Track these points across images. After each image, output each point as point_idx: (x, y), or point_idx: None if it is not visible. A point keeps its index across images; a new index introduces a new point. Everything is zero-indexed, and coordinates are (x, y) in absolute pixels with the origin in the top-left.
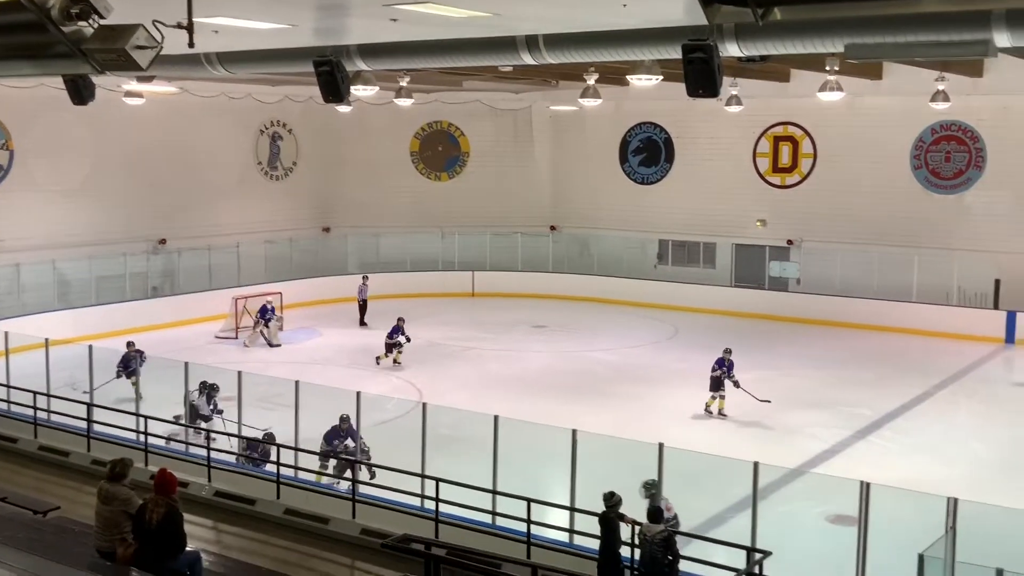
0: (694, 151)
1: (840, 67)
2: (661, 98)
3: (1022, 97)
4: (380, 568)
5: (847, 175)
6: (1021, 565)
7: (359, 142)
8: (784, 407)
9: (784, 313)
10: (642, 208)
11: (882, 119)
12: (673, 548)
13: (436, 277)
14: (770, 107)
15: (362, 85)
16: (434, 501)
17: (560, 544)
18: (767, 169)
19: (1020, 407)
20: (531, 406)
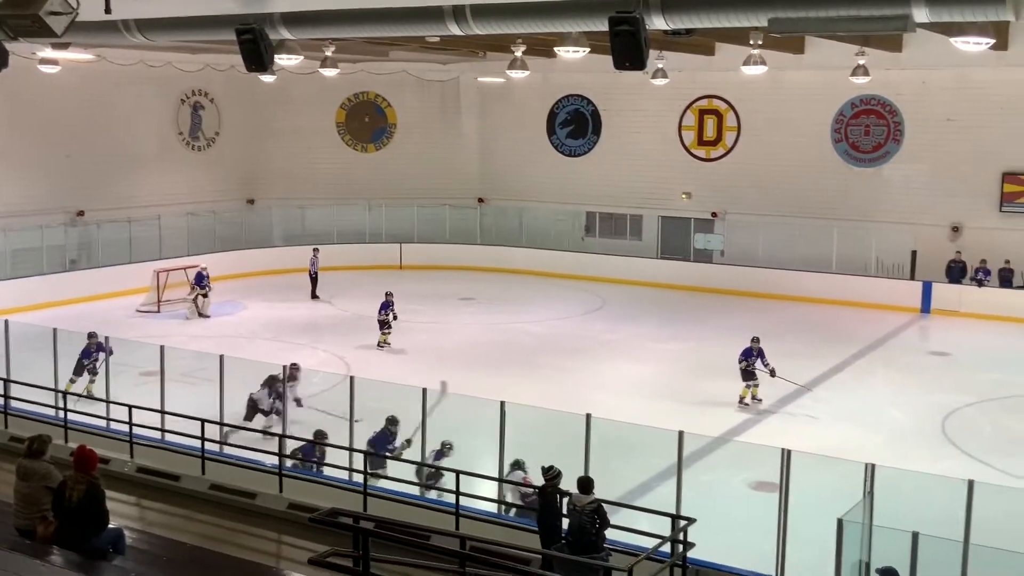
0: (621, 124)
1: (763, 41)
2: (588, 70)
3: (940, 72)
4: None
5: (770, 148)
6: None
7: (284, 112)
8: (708, 377)
9: (709, 284)
10: (570, 180)
11: (804, 93)
12: (603, 517)
13: (363, 250)
14: (695, 80)
15: (286, 54)
16: (362, 474)
17: (489, 515)
18: (692, 142)
19: (935, 375)
20: (460, 378)
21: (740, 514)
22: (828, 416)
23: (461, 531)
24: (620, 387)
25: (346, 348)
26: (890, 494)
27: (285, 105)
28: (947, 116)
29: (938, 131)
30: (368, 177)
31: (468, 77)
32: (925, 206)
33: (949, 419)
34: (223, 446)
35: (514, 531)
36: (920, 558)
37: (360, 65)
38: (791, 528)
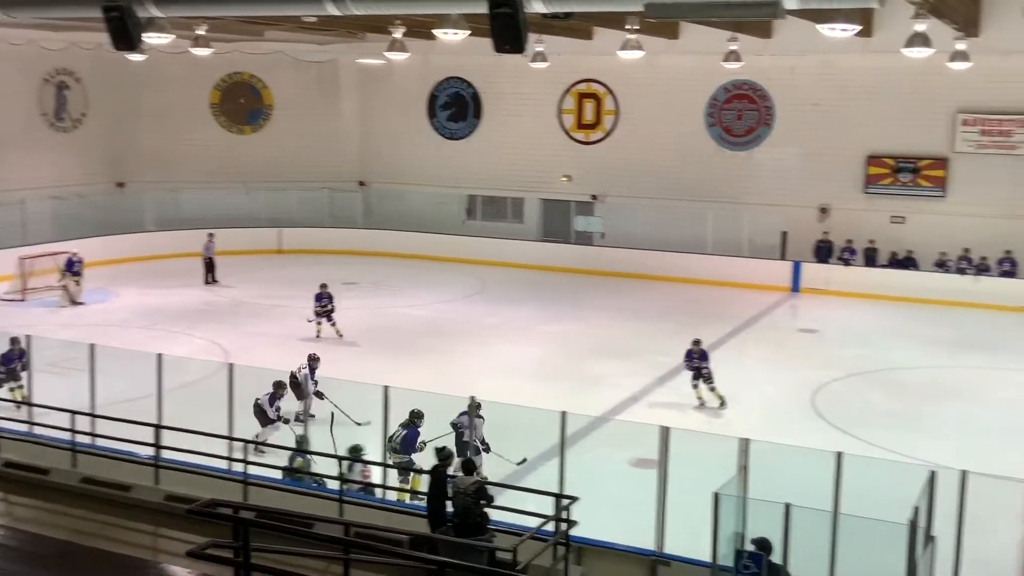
0: (502, 107)
1: (640, 26)
2: (469, 53)
3: (808, 58)
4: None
5: (647, 132)
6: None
7: (155, 93)
8: (589, 358)
9: (590, 266)
10: (451, 163)
11: (679, 78)
12: (486, 496)
13: (241, 234)
14: (574, 64)
15: (156, 33)
16: (242, 463)
17: (373, 500)
18: (572, 125)
19: (805, 351)
20: (343, 363)
21: (621, 491)
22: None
23: (345, 517)
24: (503, 369)
25: (223, 335)
26: (764, 467)
27: (156, 85)
28: (815, 101)
29: (806, 116)
30: (245, 160)
31: (347, 59)
32: (794, 188)
33: (818, 394)
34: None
35: (399, 516)
36: (792, 528)
37: (234, 45)
38: (670, 503)
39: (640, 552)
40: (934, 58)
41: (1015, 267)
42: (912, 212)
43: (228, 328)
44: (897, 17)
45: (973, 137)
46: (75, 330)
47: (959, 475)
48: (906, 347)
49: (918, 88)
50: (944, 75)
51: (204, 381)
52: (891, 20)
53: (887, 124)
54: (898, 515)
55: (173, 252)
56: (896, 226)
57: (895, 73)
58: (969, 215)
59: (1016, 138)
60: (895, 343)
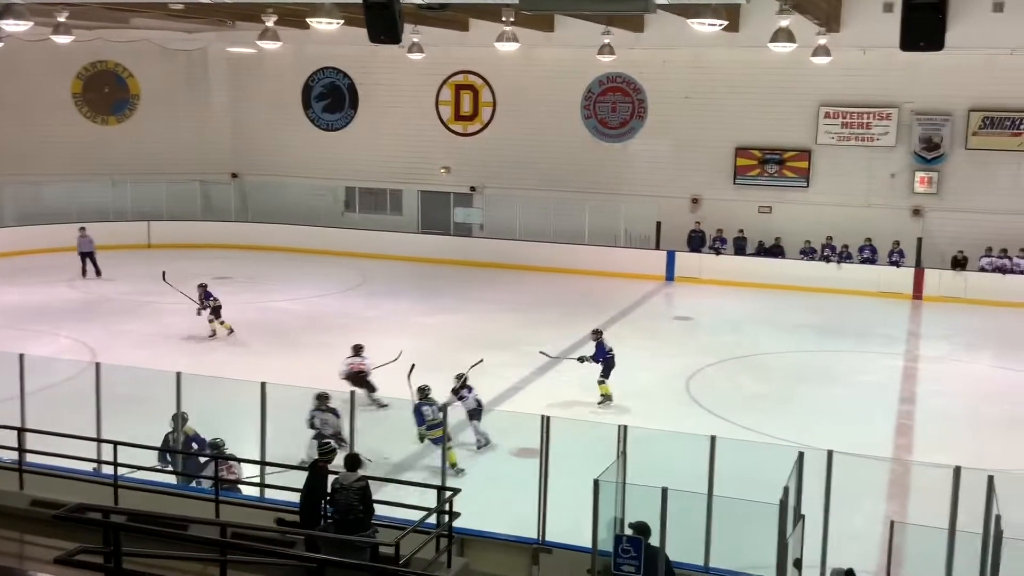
0: (379, 98)
1: (515, 19)
2: (344, 43)
3: (679, 51)
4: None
5: (525, 124)
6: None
7: (12, 82)
8: (470, 349)
9: (469, 258)
10: (328, 155)
11: (555, 70)
12: (368, 498)
13: (108, 228)
14: (451, 56)
15: (13, 19)
16: (112, 466)
17: (250, 499)
18: (450, 117)
19: (680, 338)
20: (217, 360)
21: (503, 481)
22: (584, 382)
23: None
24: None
25: (89, 333)
26: (641, 453)
27: (14, 74)
28: (686, 94)
29: (678, 108)
30: (110, 151)
31: (217, 47)
32: (668, 179)
33: (693, 379)
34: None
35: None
36: (669, 511)
37: (98, 32)
38: (552, 490)
39: (523, 541)
40: (798, 53)
41: (875, 254)
42: (778, 202)
43: (95, 326)
44: (763, 13)
45: (835, 129)
46: None
47: (826, 455)
48: (775, 333)
49: (783, 82)
50: (807, 69)
51: (70, 381)
52: (757, 16)
53: (754, 117)
54: (769, 495)
55: (35, 248)
56: (764, 216)
57: (761, 67)
58: (831, 204)
59: (875, 130)
60: (765, 329)
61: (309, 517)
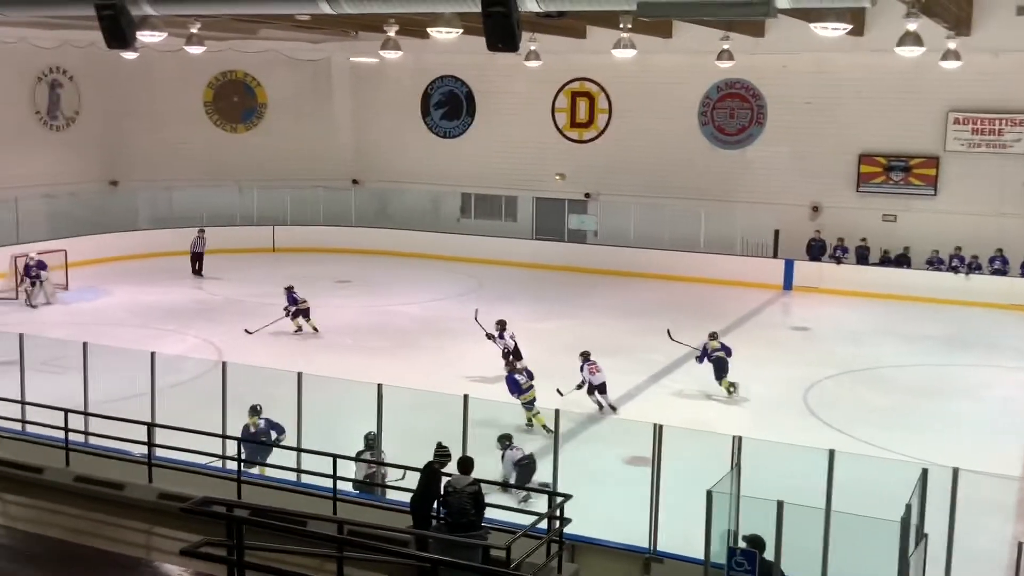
0: (495, 105)
1: (633, 25)
2: (462, 51)
3: (799, 56)
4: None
5: (640, 130)
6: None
7: (148, 91)
8: None
9: (583, 264)
10: (445, 162)
11: (672, 76)
12: (481, 501)
13: (235, 232)
14: (567, 63)
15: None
16: (236, 461)
17: (367, 498)
18: (565, 124)
19: (796, 349)
20: (335, 362)
21: (615, 489)
22: (697, 391)
23: (339, 515)
24: (497, 367)
25: (216, 334)
26: (756, 465)
27: (150, 84)
28: (807, 99)
29: (799, 114)
30: (238, 158)
31: (340, 57)
32: (787, 187)
33: (810, 391)
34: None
35: (392, 514)
36: (785, 525)
37: (228, 43)
38: (663, 500)
39: (634, 549)
40: (926, 57)
41: (1006, 265)
42: (904, 210)
43: (221, 327)
44: (889, 16)
45: (964, 136)
46: (68, 328)
47: (951, 472)
48: (898, 345)
49: (910, 87)
50: (936, 74)
51: (197, 379)
52: (883, 19)
53: (879, 123)
54: (890, 512)
55: (166, 251)
56: (888, 224)
57: (887, 72)
58: (960, 213)
59: (1007, 137)
60: (887, 341)
61: (421, 518)
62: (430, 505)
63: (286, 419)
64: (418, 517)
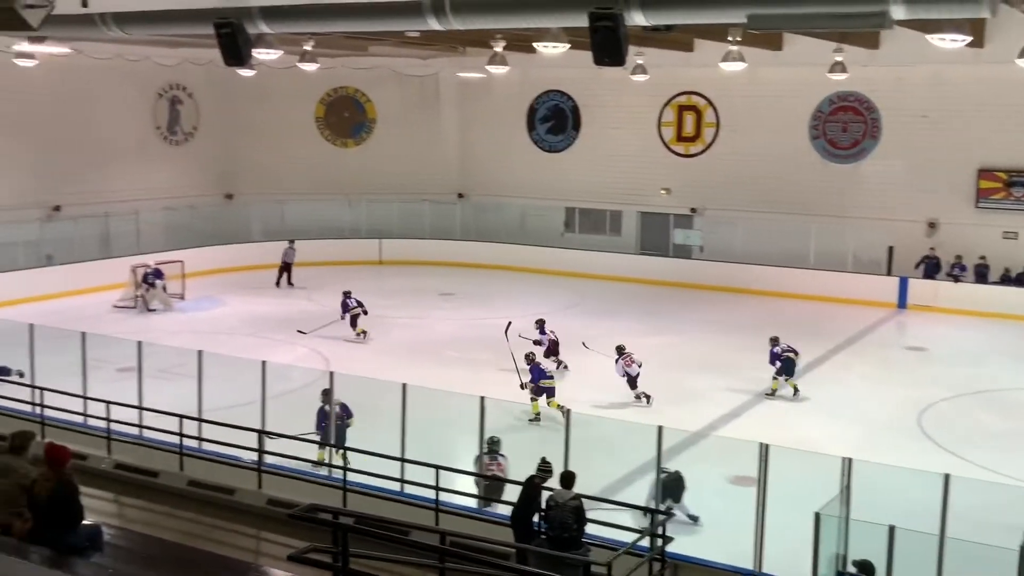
0: (601, 119)
1: (742, 38)
2: (568, 66)
3: (916, 68)
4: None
5: (748, 144)
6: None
7: (262, 107)
8: (686, 372)
9: (688, 280)
10: (550, 176)
11: (782, 89)
12: (583, 517)
13: (343, 245)
14: (674, 77)
15: (264, 49)
16: (342, 470)
17: (468, 510)
18: (671, 138)
19: (910, 369)
20: (438, 374)
21: (719, 508)
22: (805, 410)
23: (441, 526)
24: (598, 382)
25: (324, 344)
26: (867, 488)
27: (264, 100)
28: (923, 113)
29: (914, 128)
30: (347, 172)
31: (448, 72)
32: (902, 202)
33: (925, 413)
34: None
35: (493, 526)
36: (896, 551)
37: (339, 60)
38: (769, 522)
39: (738, 571)
40: None
41: None
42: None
43: (328, 337)
44: (1010, 27)
45: None
46: (184, 337)
47: None
48: (1018, 367)
49: None
50: None
51: (306, 388)
52: (1004, 30)
53: (999, 137)
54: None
55: (278, 262)
56: (1009, 242)
57: (1008, 84)
58: None
59: None
60: (1007, 363)
61: (522, 532)
62: (531, 519)
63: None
64: (519, 531)
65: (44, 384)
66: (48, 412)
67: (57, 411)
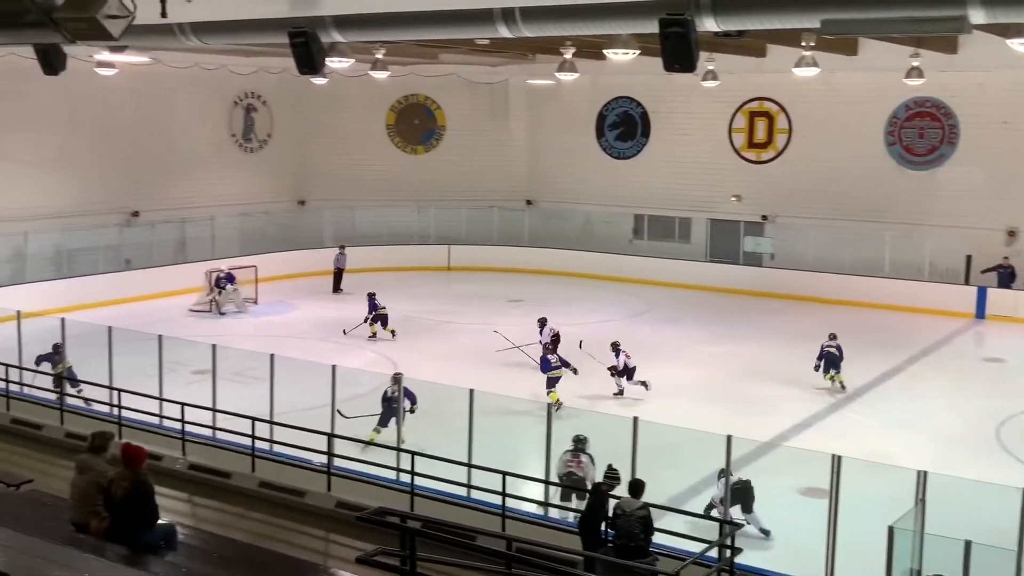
0: (670, 126)
1: (816, 42)
2: (638, 72)
3: (996, 74)
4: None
5: (821, 151)
6: (988, 536)
7: (334, 115)
8: (756, 381)
9: (758, 288)
10: (618, 182)
11: (857, 95)
12: (650, 526)
13: (412, 251)
14: (746, 82)
15: (337, 57)
16: (409, 474)
17: (534, 517)
18: (742, 144)
19: (989, 381)
20: (505, 380)
21: (789, 520)
22: (879, 422)
23: (507, 532)
24: (666, 390)
25: (393, 348)
26: (942, 501)
27: (336, 107)
28: (1004, 119)
29: (994, 134)
30: (417, 179)
31: (517, 79)
32: (979, 210)
33: (1004, 426)
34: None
35: (559, 533)
36: (972, 567)
37: (410, 67)
38: (840, 535)
39: None
40: None
41: None
42: None
43: (397, 342)
44: None
45: None
46: (257, 340)
47: None
48: None
49: None
50: None
51: (374, 393)
52: None
53: None
54: None
55: (349, 267)
56: None
57: None
58: None
59: None
60: None
61: (590, 540)
62: (599, 527)
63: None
64: (587, 539)
65: (122, 385)
66: (125, 413)
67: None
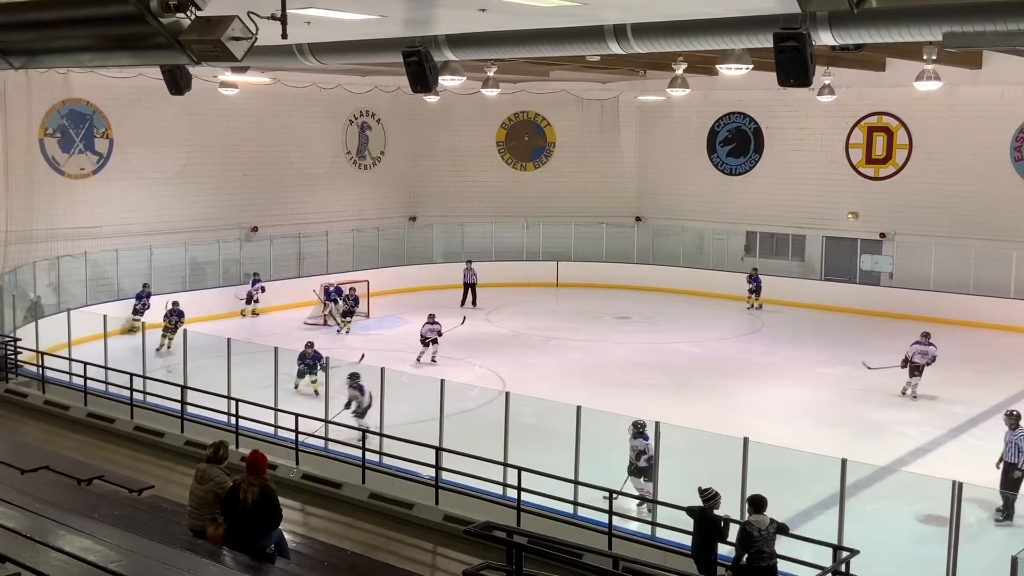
0: (784, 141)
1: (938, 56)
2: (750, 87)
3: None
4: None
5: (943, 167)
6: None
7: (446, 132)
8: (872, 403)
9: (876, 308)
10: (729, 199)
11: (981, 110)
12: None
13: (521, 267)
14: (864, 97)
15: (450, 75)
16: (516, 490)
17: (642, 536)
18: (860, 160)
19: None
20: (613, 397)
21: (907, 547)
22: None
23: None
24: (779, 411)
25: (502, 364)
26: None
27: (447, 125)
28: None
29: None
30: (526, 195)
31: (627, 96)
32: None
33: None
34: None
35: (667, 553)
36: None
37: (521, 85)
38: (961, 564)
39: None
40: None
41: None
42: None
43: (506, 358)
44: None
45: None
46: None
47: None
48: None
49: None
50: None
51: (482, 408)
52: None
53: None
54: None
55: (458, 283)
56: None
57: None
58: None
59: None
60: None
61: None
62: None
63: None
64: (700, 563)
65: (238, 396)
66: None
67: (250, 421)
